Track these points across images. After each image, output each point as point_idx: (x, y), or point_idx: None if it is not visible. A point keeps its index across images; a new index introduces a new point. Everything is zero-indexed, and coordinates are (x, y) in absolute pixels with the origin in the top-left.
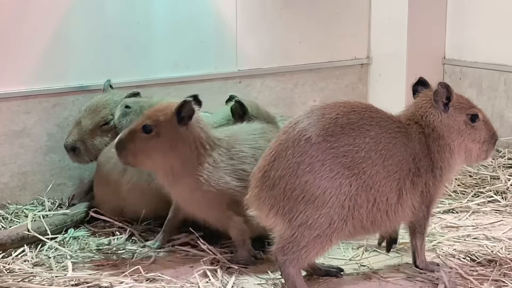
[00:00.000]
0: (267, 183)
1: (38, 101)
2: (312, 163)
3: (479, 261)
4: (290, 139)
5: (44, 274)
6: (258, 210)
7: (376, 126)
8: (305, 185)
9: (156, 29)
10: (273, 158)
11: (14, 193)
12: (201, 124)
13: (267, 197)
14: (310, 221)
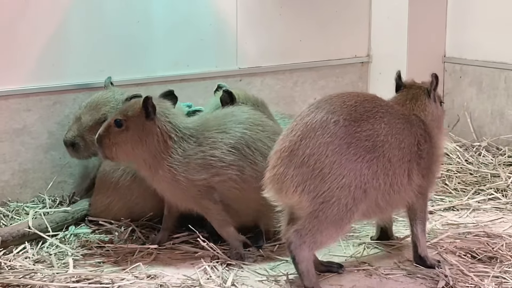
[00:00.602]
0: (295, 161)
1: (39, 99)
2: (340, 144)
3: (479, 258)
4: (317, 121)
5: (45, 271)
6: (282, 188)
7: (387, 113)
8: (333, 165)
9: (156, 27)
10: (299, 138)
11: (15, 190)
12: (169, 116)
13: (295, 174)
14: (333, 200)
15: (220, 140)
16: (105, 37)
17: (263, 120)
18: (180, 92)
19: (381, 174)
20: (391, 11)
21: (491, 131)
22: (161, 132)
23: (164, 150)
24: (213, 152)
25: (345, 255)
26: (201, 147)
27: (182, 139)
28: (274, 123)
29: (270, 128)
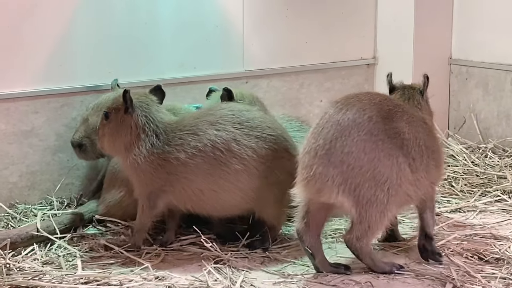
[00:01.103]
0: (333, 160)
1: (47, 101)
2: (376, 141)
3: (486, 259)
4: (350, 119)
5: (53, 272)
6: (324, 188)
7: (404, 112)
8: (372, 162)
9: (163, 29)
10: (334, 136)
11: (23, 192)
12: (145, 110)
13: (335, 174)
14: (374, 198)
15: (188, 142)
16: (112, 39)
17: (250, 118)
18: (186, 94)
19: (409, 170)
20: (397, 13)
21: (497, 133)
22: (135, 125)
23: (135, 142)
24: (178, 155)
25: (351, 256)
26: (168, 146)
27: (154, 135)
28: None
29: (259, 126)
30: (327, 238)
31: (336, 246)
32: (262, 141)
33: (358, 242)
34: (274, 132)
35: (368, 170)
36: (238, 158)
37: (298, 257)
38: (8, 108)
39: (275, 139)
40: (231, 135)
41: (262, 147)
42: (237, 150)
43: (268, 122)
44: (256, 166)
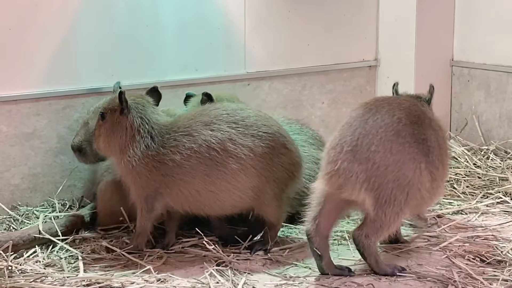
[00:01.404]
0: (359, 156)
1: (49, 103)
2: (403, 143)
3: (488, 261)
4: (379, 118)
5: (55, 274)
6: (347, 184)
7: (431, 120)
8: (397, 163)
9: (165, 31)
10: (361, 134)
11: (25, 194)
12: (141, 112)
13: (359, 171)
14: (393, 199)
15: (183, 143)
16: (115, 42)
17: (244, 117)
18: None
19: (430, 177)
20: (399, 15)
21: (499, 135)
22: (130, 126)
23: (130, 143)
24: (173, 157)
25: (354, 258)
26: (164, 148)
27: (149, 137)
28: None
29: (255, 124)
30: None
31: (338, 248)
32: (259, 139)
33: (367, 239)
34: (270, 129)
35: (392, 171)
36: (234, 158)
37: (300, 259)
38: (10, 110)
39: (271, 136)
40: (226, 134)
41: (259, 145)
42: (233, 150)
43: (263, 120)
44: (253, 164)
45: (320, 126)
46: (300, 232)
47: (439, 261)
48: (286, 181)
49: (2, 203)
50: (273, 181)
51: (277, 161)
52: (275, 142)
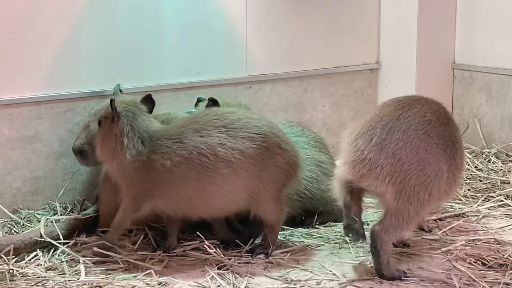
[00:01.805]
0: (386, 150)
1: (50, 106)
2: (431, 143)
3: (490, 265)
4: (411, 116)
5: (57, 278)
6: (370, 174)
7: (456, 125)
8: (422, 162)
9: (166, 34)
10: (392, 129)
11: (26, 198)
12: (131, 119)
13: (385, 164)
14: (416, 196)
15: (173, 150)
16: (116, 45)
17: (234, 120)
18: (190, 99)
19: (452, 178)
20: (400, 18)
21: (501, 138)
22: (120, 133)
23: (120, 149)
24: (164, 163)
25: (354, 261)
26: (155, 154)
27: (139, 142)
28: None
29: (245, 126)
30: (330, 243)
31: (339, 251)
32: (250, 141)
33: (386, 235)
34: (261, 130)
35: (415, 169)
36: (225, 162)
37: (302, 262)
38: (11, 114)
39: (263, 137)
40: (216, 139)
41: (250, 147)
42: (223, 154)
43: (254, 121)
44: (245, 167)
45: (322, 129)
46: (302, 235)
47: (440, 265)
48: (283, 181)
49: (3, 206)
50: (269, 182)
51: (271, 162)
52: (267, 142)
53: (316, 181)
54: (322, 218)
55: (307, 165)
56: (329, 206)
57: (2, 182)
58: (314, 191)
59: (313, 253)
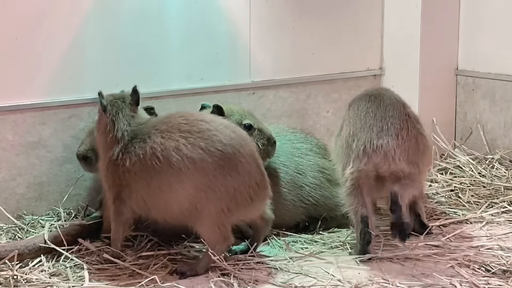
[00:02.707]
0: (390, 134)
1: (54, 112)
2: (412, 121)
3: (493, 271)
4: (388, 105)
5: (61, 284)
6: (387, 159)
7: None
8: (415, 136)
9: (170, 40)
10: (382, 118)
11: (30, 203)
12: (115, 115)
13: (394, 146)
14: (419, 163)
15: (134, 149)
16: (120, 51)
17: (202, 129)
18: (193, 106)
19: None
20: (403, 24)
21: (504, 144)
22: (107, 129)
23: (109, 147)
24: (124, 162)
25: (358, 267)
26: (122, 154)
27: (119, 141)
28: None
29: (210, 138)
30: (334, 249)
31: (342, 257)
32: (208, 154)
33: (404, 190)
34: (226, 147)
35: (413, 142)
36: (174, 169)
37: (305, 268)
38: (15, 120)
39: (224, 155)
40: (174, 143)
41: (206, 160)
42: (175, 160)
43: (224, 137)
44: (193, 178)
45: (325, 135)
46: (306, 241)
47: (444, 271)
48: (237, 205)
49: (7, 212)
50: (216, 200)
51: (223, 181)
52: (226, 161)
53: (320, 188)
54: (326, 224)
55: (310, 171)
56: (332, 212)
57: (6, 188)
58: (318, 197)
59: (316, 259)
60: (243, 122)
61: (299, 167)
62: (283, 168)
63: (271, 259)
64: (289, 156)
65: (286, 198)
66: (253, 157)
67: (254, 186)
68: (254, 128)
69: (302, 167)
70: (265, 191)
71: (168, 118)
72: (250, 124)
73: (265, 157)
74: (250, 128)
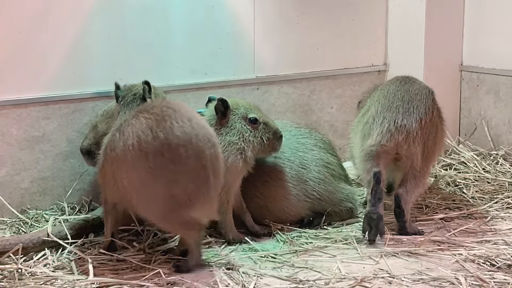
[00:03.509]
0: (414, 116)
1: (58, 107)
2: (437, 108)
3: (498, 266)
4: (417, 89)
5: (65, 277)
6: (408, 139)
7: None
8: (435, 125)
9: (175, 36)
10: (409, 100)
11: (34, 198)
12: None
13: (417, 128)
14: (431, 157)
15: (106, 140)
16: (124, 46)
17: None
18: (197, 100)
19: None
20: (408, 20)
21: (509, 140)
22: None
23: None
24: (107, 150)
25: (363, 263)
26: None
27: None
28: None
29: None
30: (338, 243)
31: (347, 252)
32: (153, 137)
33: (408, 195)
34: (170, 137)
35: (433, 131)
36: (108, 160)
37: (310, 262)
38: (20, 114)
39: (167, 143)
40: (116, 137)
41: (150, 142)
42: (109, 152)
43: (178, 128)
44: (134, 163)
45: (329, 130)
46: (310, 236)
47: (449, 266)
48: (178, 200)
49: (11, 206)
50: (159, 187)
51: (162, 170)
52: (166, 150)
53: (324, 182)
54: (330, 218)
55: (315, 166)
56: (336, 207)
57: (10, 182)
58: (322, 192)
59: (321, 253)
60: (249, 116)
61: (304, 161)
62: (288, 163)
63: (275, 253)
64: (294, 151)
65: (291, 193)
66: (199, 158)
67: (193, 188)
68: (259, 122)
69: (307, 162)
70: (205, 198)
71: (138, 109)
72: (255, 118)
73: (270, 151)
74: (255, 122)
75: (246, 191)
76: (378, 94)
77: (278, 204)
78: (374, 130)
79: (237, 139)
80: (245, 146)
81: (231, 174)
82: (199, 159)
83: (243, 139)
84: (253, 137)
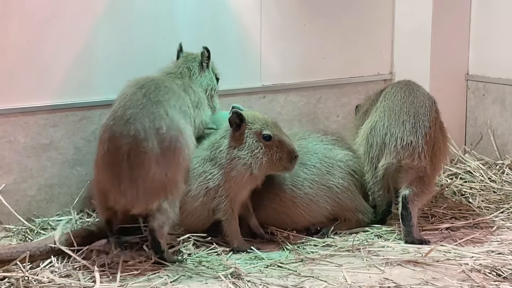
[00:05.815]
0: (420, 131)
1: (65, 115)
2: (439, 119)
3: (505, 276)
4: (420, 101)
5: (72, 285)
6: (414, 155)
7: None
8: (441, 136)
9: (181, 43)
10: (415, 114)
11: (41, 205)
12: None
13: (423, 143)
14: (439, 165)
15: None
16: (131, 53)
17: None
18: None
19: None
20: (414, 29)
21: None
22: None
23: None
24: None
25: (368, 272)
26: None
27: None
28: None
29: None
30: (344, 252)
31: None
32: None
33: (416, 197)
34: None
35: (440, 143)
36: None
37: (316, 271)
38: (27, 122)
39: (108, 127)
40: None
41: (107, 123)
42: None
43: (160, 120)
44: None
45: None
46: (316, 244)
47: (455, 275)
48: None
49: (18, 214)
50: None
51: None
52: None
53: (347, 190)
54: (338, 227)
55: (339, 173)
56: (349, 213)
57: (17, 190)
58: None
59: (327, 262)
60: (263, 132)
61: (329, 168)
62: (313, 169)
63: (282, 262)
64: (320, 157)
65: (312, 199)
66: (122, 153)
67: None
68: (273, 139)
69: (332, 169)
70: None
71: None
72: (269, 135)
73: (282, 170)
74: (269, 139)
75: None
76: (383, 105)
77: (297, 209)
78: (383, 149)
79: (245, 154)
80: (253, 162)
81: (234, 184)
82: (122, 154)
83: (252, 154)
84: (263, 154)
